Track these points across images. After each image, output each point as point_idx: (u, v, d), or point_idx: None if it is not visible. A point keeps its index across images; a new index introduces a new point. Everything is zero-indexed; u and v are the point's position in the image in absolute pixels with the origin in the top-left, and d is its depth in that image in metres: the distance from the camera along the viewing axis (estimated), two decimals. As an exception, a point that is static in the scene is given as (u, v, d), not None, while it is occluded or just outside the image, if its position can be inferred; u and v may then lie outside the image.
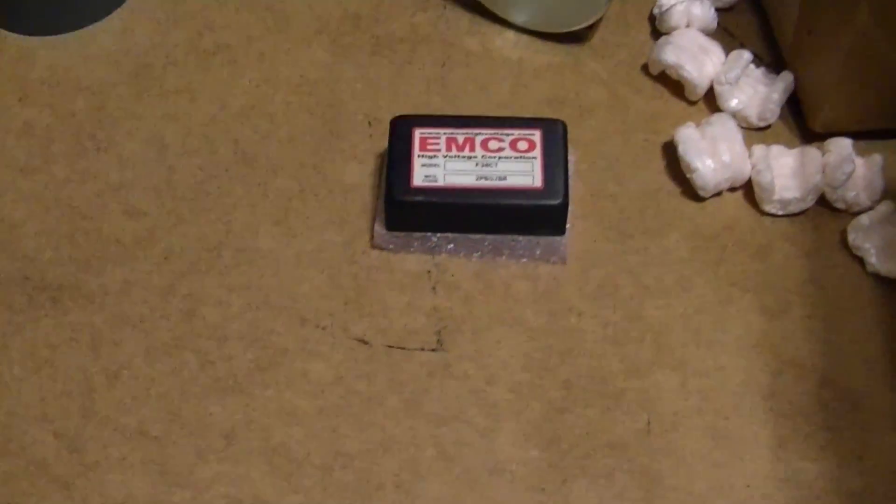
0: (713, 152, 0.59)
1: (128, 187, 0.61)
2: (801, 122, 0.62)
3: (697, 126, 0.61)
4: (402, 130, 0.58)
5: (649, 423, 0.54)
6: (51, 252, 0.59)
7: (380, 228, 0.58)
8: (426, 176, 0.57)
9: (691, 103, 0.64)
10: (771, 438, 0.54)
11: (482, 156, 0.58)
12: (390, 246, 0.58)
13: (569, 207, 0.58)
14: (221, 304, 0.57)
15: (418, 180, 0.57)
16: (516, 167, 0.57)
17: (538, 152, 0.58)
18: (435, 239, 0.58)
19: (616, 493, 0.53)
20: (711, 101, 0.63)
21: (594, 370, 0.56)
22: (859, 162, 0.60)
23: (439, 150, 0.58)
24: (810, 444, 0.54)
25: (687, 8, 0.64)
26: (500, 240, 0.58)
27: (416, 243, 0.58)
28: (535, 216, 0.57)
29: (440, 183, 0.57)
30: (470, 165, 0.57)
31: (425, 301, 0.57)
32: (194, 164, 0.61)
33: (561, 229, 0.58)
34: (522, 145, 0.58)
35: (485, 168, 0.57)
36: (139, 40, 0.66)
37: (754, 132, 0.62)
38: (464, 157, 0.58)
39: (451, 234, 0.58)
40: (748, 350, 0.56)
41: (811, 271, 0.58)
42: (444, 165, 0.57)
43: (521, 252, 0.58)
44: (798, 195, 0.59)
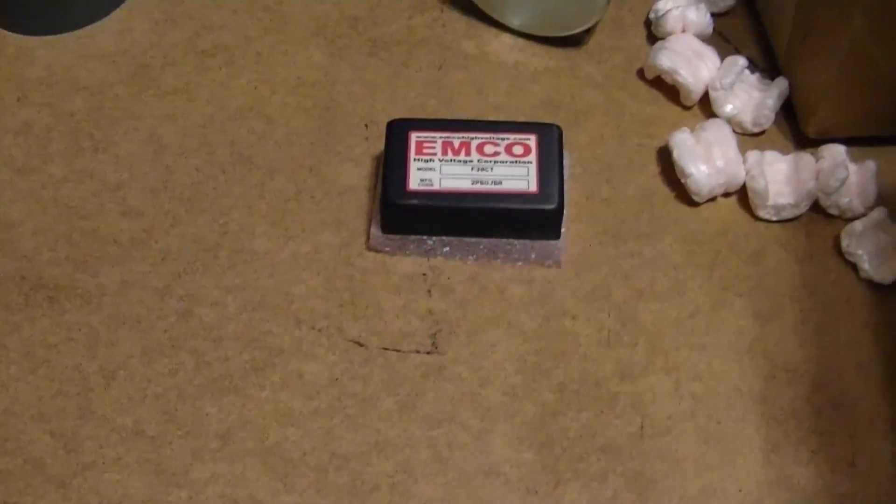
0: (707, 157, 0.60)
1: (125, 187, 0.61)
2: (796, 127, 0.63)
3: (692, 131, 0.61)
4: (398, 133, 0.59)
5: (642, 426, 0.55)
6: (48, 252, 0.59)
7: (376, 231, 0.59)
8: (422, 179, 0.57)
9: (686, 108, 0.64)
10: (763, 443, 0.54)
11: (478, 160, 0.58)
12: (386, 248, 0.59)
13: (564, 211, 0.58)
14: (218, 305, 0.57)
15: (414, 184, 0.57)
16: (512, 171, 0.58)
17: (533, 157, 0.58)
18: (430, 242, 0.58)
19: (609, 495, 0.53)
20: (706, 106, 0.63)
21: (588, 373, 0.56)
22: (853, 168, 0.60)
23: (435, 154, 0.58)
24: (802, 448, 0.54)
25: (682, 13, 0.64)
26: (496, 243, 0.58)
27: (411, 246, 0.58)
28: (530, 220, 0.58)
29: (436, 186, 0.57)
30: (465, 169, 0.58)
31: (420, 304, 0.58)
32: (191, 165, 0.62)
33: (556, 233, 0.58)
34: (518, 150, 0.58)
35: (480, 172, 0.58)
36: (137, 40, 0.66)
37: (749, 137, 0.63)
38: (459, 160, 0.58)
39: (447, 237, 0.58)
40: (741, 354, 0.57)
41: (804, 277, 0.59)
42: (439, 169, 0.58)
43: (516, 255, 0.58)
44: (792, 201, 0.59)
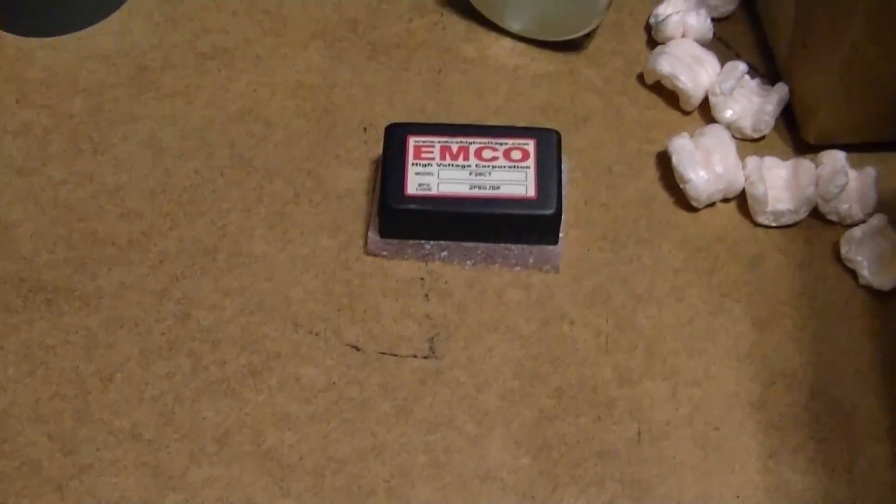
0: (707, 163, 0.59)
1: (124, 189, 0.61)
2: (796, 133, 0.63)
3: (691, 136, 0.61)
4: (396, 138, 0.59)
5: (640, 432, 0.55)
6: (46, 253, 0.59)
7: (373, 235, 0.59)
8: (420, 184, 0.57)
9: (686, 113, 0.64)
10: (761, 449, 0.54)
11: (476, 165, 0.58)
12: (384, 252, 0.59)
13: (562, 216, 0.58)
14: (215, 308, 0.57)
15: (412, 188, 0.57)
16: (510, 176, 0.57)
17: (532, 162, 0.58)
18: (428, 246, 0.58)
19: (606, 501, 0.53)
20: (706, 112, 0.63)
21: (585, 378, 0.56)
22: (852, 174, 0.60)
23: (433, 159, 0.58)
24: (800, 455, 0.54)
25: (683, 18, 0.64)
26: (494, 248, 0.58)
27: (409, 250, 0.58)
28: (528, 226, 0.57)
29: (434, 191, 0.57)
30: (464, 174, 0.57)
31: (418, 308, 0.57)
32: (190, 168, 0.62)
33: (554, 238, 0.58)
34: (516, 154, 0.58)
35: (478, 177, 0.57)
36: (137, 42, 0.66)
37: (748, 143, 0.63)
38: (458, 165, 0.58)
39: (445, 242, 0.58)
40: (739, 360, 0.56)
41: (803, 283, 0.59)
42: (437, 174, 0.57)
43: (514, 260, 0.58)
44: (791, 207, 0.59)
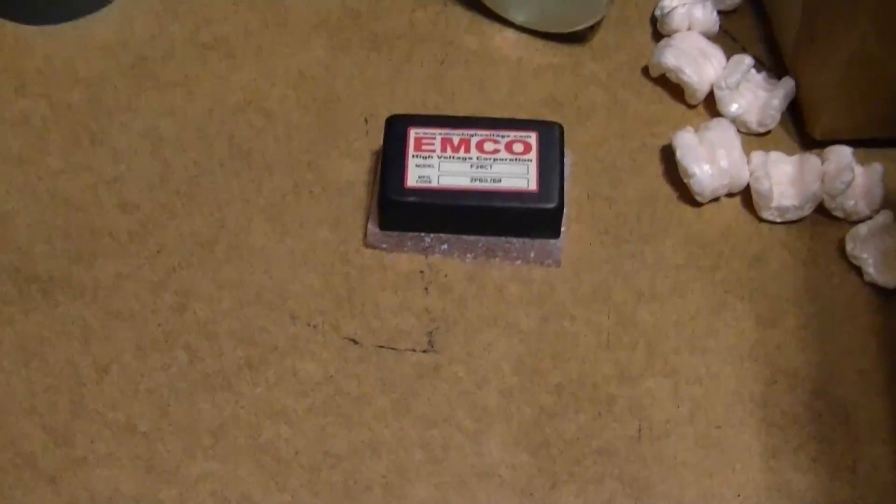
0: (711, 158, 0.59)
1: (122, 180, 0.60)
2: (802, 128, 0.62)
3: (696, 131, 0.60)
4: (397, 130, 0.58)
5: (640, 430, 0.54)
6: (43, 244, 0.58)
7: (373, 227, 0.58)
8: (420, 176, 0.57)
9: (691, 107, 0.63)
10: (762, 448, 0.54)
11: (477, 157, 0.57)
12: (383, 245, 0.58)
13: (564, 210, 0.57)
14: (212, 301, 0.57)
15: (412, 181, 0.57)
16: (511, 169, 0.57)
17: (534, 155, 0.57)
18: (428, 239, 0.58)
19: (605, 499, 0.52)
20: (711, 106, 0.63)
21: (586, 375, 0.55)
22: (859, 170, 0.59)
23: (434, 151, 0.57)
24: (802, 454, 0.54)
25: (689, 11, 0.64)
26: (494, 242, 0.58)
27: (409, 243, 0.58)
28: (529, 219, 0.57)
29: (434, 184, 0.57)
30: (465, 167, 0.57)
31: (417, 302, 0.57)
32: (189, 159, 0.61)
33: (555, 233, 0.58)
34: (518, 147, 0.57)
35: (479, 170, 0.57)
36: (137, 32, 0.65)
37: (754, 138, 0.62)
38: (459, 158, 0.57)
39: (445, 235, 0.58)
40: (742, 358, 0.56)
41: (807, 280, 0.58)
42: (438, 166, 0.57)
43: (515, 254, 0.58)
44: (796, 203, 0.59)
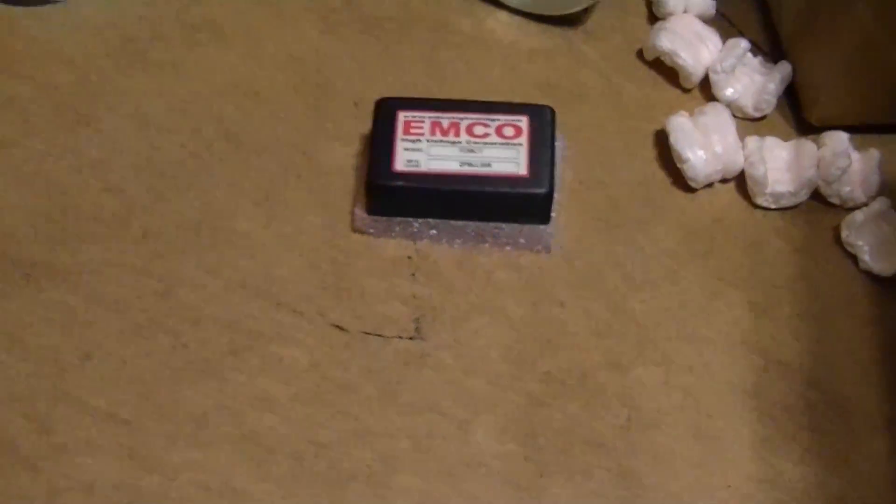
0: (705, 143, 0.58)
1: (107, 163, 0.60)
2: (798, 114, 0.61)
3: (690, 115, 0.60)
4: (385, 112, 0.57)
5: (630, 419, 0.53)
6: (26, 228, 0.58)
7: (360, 212, 0.57)
8: (409, 160, 0.56)
9: (686, 91, 0.62)
10: (754, 439, 0.53)
11: (467, 141, 0.56)
12: (371, 230, 0.57)
13: (555, 195, 0.56)
14: (197, 286, 0.56)
15: (400, 165, 0.56)
16: (502, 154, 0.56)
17: (525, 139, 0.56)
18: (417, 224, 0.57)
19: (593, 489, 0.52)
20: (707, 90, 0.62)
21: (575, 363, 0.55)
22: (855, 157, 0.58)
23: (423, 134, 0.56)
24: (795, 445, 0.53)
25: (685, -7, 0.63)
26: (484, 227, 0.57)
27: (397, 228, 0.57)
28: (519, 204, 0.56)
29: (423, 168, 0.56)
30: (454, 151, 0.56)
31: (405, 288, 0.56)
32: (176, 142, 0.60)
33: (546, 218, 0.57)
34: (509, 131, 0.57)
35: (469, 154, 0.56)
36: (125, 13, 0.64)
37: (749, 123, 0.61)
38: (448, 141, 0.56)
39: (434, 220, 0.57)
40: (734, 347, 0.55)
41: (802, 267, 0.57)
42: (427, 150, 0.56)
43: (505, 240, 0.57)
44: (791, 189, 0.58)
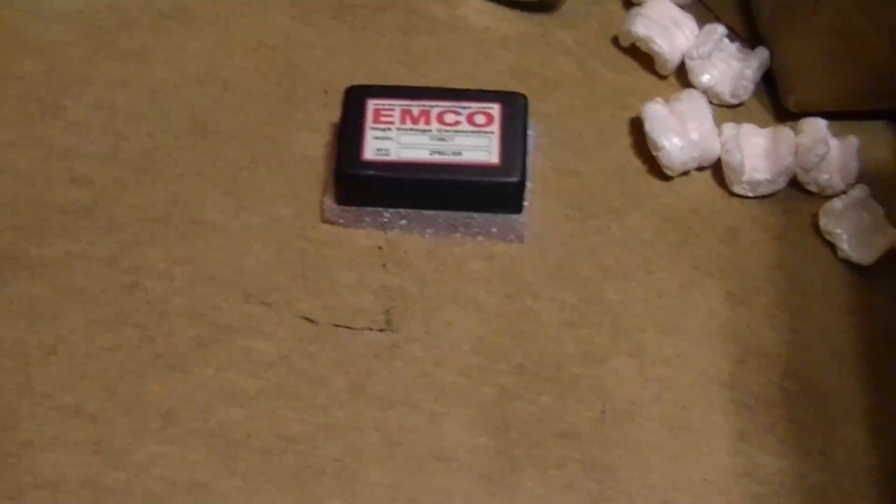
0: (681, 130, 0.57)
1: (74, 154, 0.59)
2: (776, 100, 0.61)
3: (666, 102, 0.59)
4: (355, 100, 0.56)
5: (604, 411, 0.53)
6: (-10, 219, 0.57)
7: (330, 202, 0.56)
8: (378, 149, 0.55)
9: (661, 78, 0.62)
10: (731, 430, 0.53)
11: (437, 129, 0.55)
12: (340, 220, 0.56)
13: (528, 184, 0.56)
14: (164, 278, 0.55)
15: (369, 153, 0.55)
16: (473, 142, 0.55)
17: (496, 127, 0.56)
18: (387, 214, 0.56)
19: (566, 483, 0.51)
20: (683, 76, 0.62)
21: (548, 355, 0.54)
22: (834, 143, 0.58)
23: (393, 123, 0.56)
24: (772, 437, 0.53)
25: (660, -22, 0.62)
26: (455, 217, 0.56)
27: (367, 218, 0.56)
28: (490, 193, 0.55)
29: (392, 157, 0.55)
30: (424, 139, 0.55)
31: (375, 279, 0.55)
32: (143, 131, 0.59)
33: (518, 207, 0.56)
34: (480, 119, 0.56)
35: (440, 142, 0.55)
36: (93, 0, 0.63)
37: (726, 109, 0.61)
38: (418, 130, 0.55)
39: (404, 210, 0.56)
40: (711, 337, 0.55)
41: (780, 256, 0.57)
42: (397, 138, 0.55)
43: (477, 230, 0.56)
44: (768, 176, 0.57)
